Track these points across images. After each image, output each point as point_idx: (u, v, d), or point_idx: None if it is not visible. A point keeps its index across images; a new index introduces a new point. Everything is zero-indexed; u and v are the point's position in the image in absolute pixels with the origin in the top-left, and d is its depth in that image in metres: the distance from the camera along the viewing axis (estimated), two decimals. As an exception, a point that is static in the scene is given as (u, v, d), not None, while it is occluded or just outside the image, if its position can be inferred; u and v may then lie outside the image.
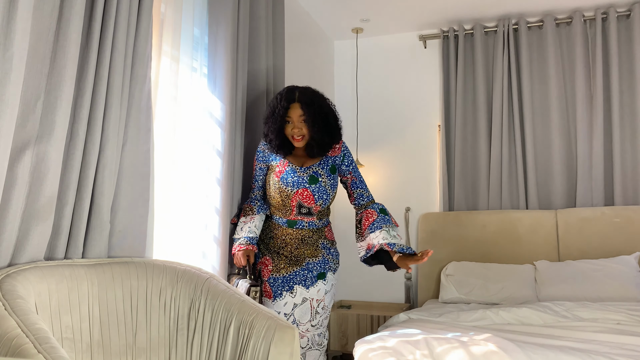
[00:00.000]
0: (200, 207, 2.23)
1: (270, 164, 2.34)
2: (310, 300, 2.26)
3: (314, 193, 2.24)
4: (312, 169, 2.28)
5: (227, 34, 2.33)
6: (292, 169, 2.27)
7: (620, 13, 3.45)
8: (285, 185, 2.23)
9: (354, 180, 2.35)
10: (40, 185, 1.44)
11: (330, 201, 2.32)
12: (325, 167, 2.30)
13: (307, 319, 2.25)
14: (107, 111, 1.65)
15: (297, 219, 2.28)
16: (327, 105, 2.28)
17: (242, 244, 2.23)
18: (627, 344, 2.02)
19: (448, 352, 1.99)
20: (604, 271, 2.98)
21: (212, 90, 2.33)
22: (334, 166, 2.33)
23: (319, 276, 2.28)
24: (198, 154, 2.24)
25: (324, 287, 2.28)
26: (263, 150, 2.34)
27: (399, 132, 3.99)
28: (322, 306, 2.29)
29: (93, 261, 1.57)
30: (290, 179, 2.24)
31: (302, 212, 2.26)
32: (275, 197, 2.26)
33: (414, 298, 3.81)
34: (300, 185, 2.23)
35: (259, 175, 2.36)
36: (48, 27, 1.48)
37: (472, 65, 3.75)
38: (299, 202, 2.23)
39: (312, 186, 2.23)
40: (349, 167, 2.35)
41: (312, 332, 2.29)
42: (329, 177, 2.29)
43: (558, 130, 3.50)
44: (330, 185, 2.28)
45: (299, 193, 2.23)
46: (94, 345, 1.45)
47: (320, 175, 2.27)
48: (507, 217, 3.46)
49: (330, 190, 2.29)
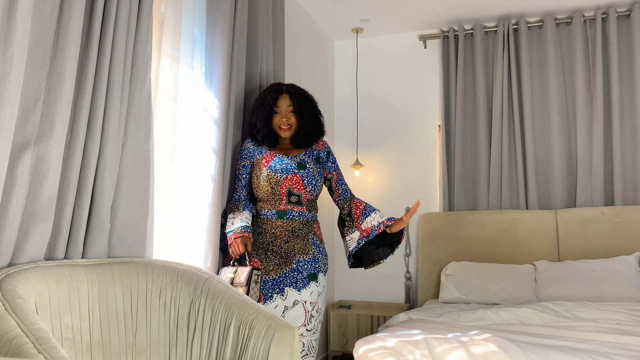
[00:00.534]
0: (200, 207, 2.22)
1: (255, 159, 2.34)
2: (303, 303, 2.21)
3: (303, 178, 2.26)
4: (299, 157, 2.32)
5: (223, 31, 2.33)
6: (279, 158, 2.30)
7: (620, 13, 3.45)
8: (274, 172, 2.25)
9: (339, 177, 2.45)
10: (40, 185, 1.44)
11: (318, 189, 2.35)
12: (311, 156, 2.36)
13: (300, 322, 2.20)
14: (107, 111, 1.65)
15: (287, 209, 2.26)
16: (313, 100, 2.40)
17: (238, 232, 2.18)
18: (627, 344, 2.02)
19: (448, 352, 1.99)
20: (604, 271, 2.98)
21: (208, 88, 2.34)
22: (318, 157, 2.40)
23: (310, 277, 2.24)
24: (198, 154, 2.24)
25: (316, 288, 2.25)
26: (248, 148, 2.36)
27: (399, 132, 3.99)
28: (317, 309, 2.25)
29: (93, 261, 1.57)
30: (279, 165, 2.26)
31: (292, 200, 2.26)
32: (264, 186, 2.26)
33: (414, 298, 3.81)
34: (289, 171, 2.26)
35: (243, 174, 2.36)
36: (48, 27, 1.48)
37: (472, 65, 3.75)
38: (288, 188, 2.24)
39: (300, 171, 2.27)
40: (334, 164, 2.45)
41: (309, 337, 2.23)
42: (315, 166, 2.34)
43: (558, 130, 3.50)
44: (317, 172, 2.34)
45: (288, 179, 2.25)
46: (94, 345, 1.45)
47: (307, 162, 2.32)
48: (507, 217, 3.46)
49: (319, 177, 2.34)
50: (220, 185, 2.31)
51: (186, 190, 2.17)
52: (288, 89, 2.35)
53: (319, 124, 2.39)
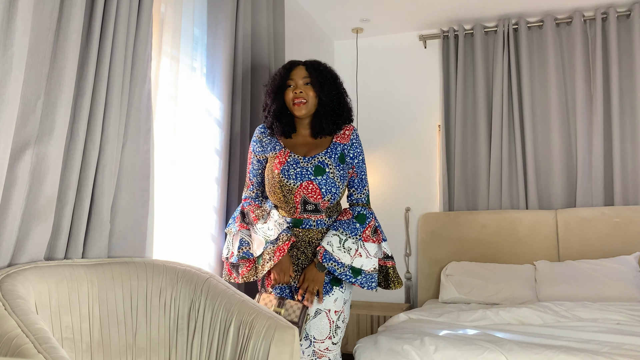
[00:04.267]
0: (200, 207, 2.22)
1: (267, 155, 1.99)
2: (327, 312, 1.87)
3: (321, 186, 1.88)
4: (318, 158, 1.91)
5: (226, 32, 2.33)
6: (294, 159, 1.91)
7: (620, 13, 3.45)
8: (287, 178, 1.89)
9: (353, 177, 2.00)
10: (40, 185, 1.44)
11: (340, 195, 1.96)
12: (333, 155, 1.94)
13: (325, 334, 1.86)
14: (107, 111, 1.65)
15: (303, 217, 1.93)
16: (337, 75, 2.01)
17: (281, 244, 1.83)
18: (627, 344, 2.02)
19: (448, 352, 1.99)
20: (604, 271, 2.98)
21: (210, 90, 2.33)
22: (342, 155, 1.97)
23: (333, 282, 1.90)
24: (198, 154, 2.24)
25: (341, 295, 1.90)
26: (259, 140, 2.01)
27: (399, 132, 3.99)
28: (343, 319, 1.90)
29: (93, 261, 1.57)
30: (293, 170, 1.89)
31: (308, 209, 1.91)
32: (276, 192, 1.92)
33: (414, 298, 3.81)
34: (305, 177, 1.88)
35: (257, 169, 2.03)
36: (48, 27, 1.48)
37: (472, 65, 3.75)
38: (303, 197, 1.88)
39: (318, 178, 1.88)
40: (354, 161, 1.99)
41: (335, 351, 1.89)
42: (337, 167, 1.92)
43: (558, 130, 3.50)
44: (339, 176, 1.92)
45: (303, 187, 1.88)
46: (94, 345, 1.45)
47: (328, 165, 1.91)
48: (507, 217, 3.46)
49: (340, 182, 1.92)
50: (226, 188, 2.31)
51: (187, 190, 2.17)
52: (306, 62, 1.98)
53: (344, 103, 1.98)
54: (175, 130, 2.10)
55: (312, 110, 1.95)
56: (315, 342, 1.87)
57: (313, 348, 1.87)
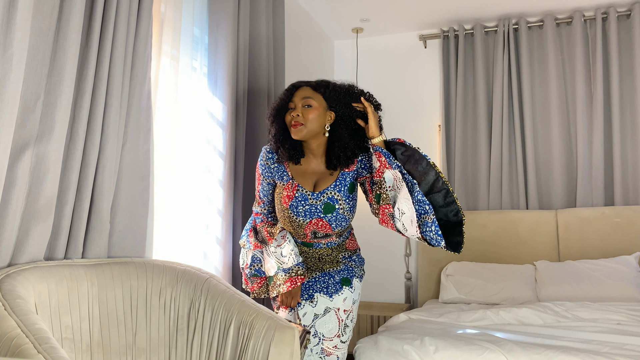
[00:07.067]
0: (200, 207, 2.22)
1: (276, 181, 1.91)
2: (336, 311, 1.86)
3: (331, 222, 1.84)
4: (327, 194, 1.83)
5: (227, 33, 2.33)
6: (302, 195, 1.84)
7: (620, 13, 3.45)
8: (296, 215, 1.84)
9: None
10: (40, 185, 1.44)
11: (350, 222, 1.92)
12: (342, 188, 1.85)
13: (334, 333, 1.86)
14: (107, 111, 1.65)
15: (314, 242, 1.92)
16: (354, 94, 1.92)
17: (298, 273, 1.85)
18: (627, 344, 2.02)
19: (448, 352, 1.99)
20: (604, 271, 2.98)
21: (212, 91, 2.32)
22: (352, 184, 1.88)
23: (342, 282, 1.91)
24: (198, 154, 2.23)
25: (350, 295, 1.89)
26: (266, 164, 1.90)
27: (399, 132, 3.96)
28: (351, 318, 1.90)
29: (93, 261, 1.57)
30: (302, 207, 1.83)
31: (319, 236, 1.89)
32: (285, 223, 1.89)
33: (414, 298, 3.81)
34: (314, 215, 1.83)
35: (267, 190, 1.94)
36: (48, 27, 1.48)
37: (472, 65, 3.75)
38: (313, 230, 1.86)
39: (327, 216, 1.83)
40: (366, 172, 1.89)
41: (343, 350, 1.88)
42: (347, 200, 1.85)
43: (558, 130, 3.50)
44: (349, 209, 1.86)
45: (312, 223, 1.84)
46: (93, 345, 1.45)
47: (337, 201, 1.83)
48: (507, 217, 3.46)
49: (350, 214, 1.87)
50: (231, 190, 2.30)
51: (187, 191, 2.17)
52: (311, 82, 1.87)
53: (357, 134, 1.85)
54: (176, 131, 2.10)
55: (312, 134, 1.82)
56: (324, 340, 1.85)
57: (322, 346, 1.88)
